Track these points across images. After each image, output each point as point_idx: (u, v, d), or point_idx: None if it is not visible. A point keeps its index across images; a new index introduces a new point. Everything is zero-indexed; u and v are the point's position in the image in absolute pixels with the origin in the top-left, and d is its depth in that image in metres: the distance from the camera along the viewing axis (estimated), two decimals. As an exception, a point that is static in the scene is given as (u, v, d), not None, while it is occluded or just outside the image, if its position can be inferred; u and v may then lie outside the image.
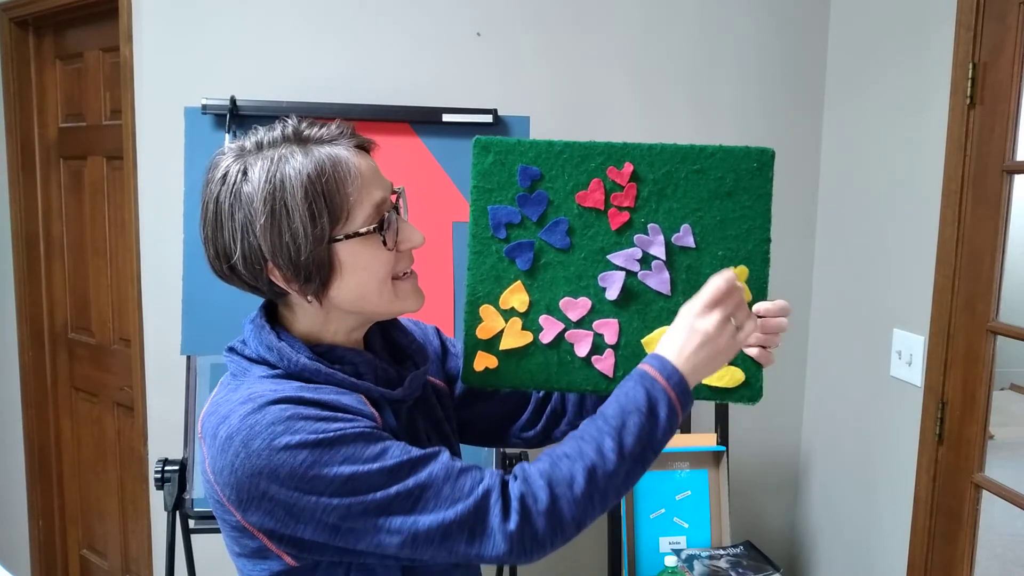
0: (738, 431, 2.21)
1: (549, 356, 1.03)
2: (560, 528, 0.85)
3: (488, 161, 1.03)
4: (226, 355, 0.96)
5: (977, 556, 1.73)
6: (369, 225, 0.89)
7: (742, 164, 1.00)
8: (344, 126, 0.92)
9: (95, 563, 2.81)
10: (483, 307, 1.03)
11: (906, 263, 1.89)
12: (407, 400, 0.98)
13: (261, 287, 0.91)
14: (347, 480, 0.81)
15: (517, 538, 0.83)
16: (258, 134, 0.90)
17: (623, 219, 1.02)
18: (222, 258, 0.89)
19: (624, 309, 1.02)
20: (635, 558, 2.00)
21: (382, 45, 2.07)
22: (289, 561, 0.88)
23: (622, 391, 0.92)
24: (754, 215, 1.00)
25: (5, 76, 2.66)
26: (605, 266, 1.02)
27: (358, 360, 0.94)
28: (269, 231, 0.85)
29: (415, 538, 0.83)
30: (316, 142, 0.89)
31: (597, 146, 1.01)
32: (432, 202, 1.89)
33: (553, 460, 0.87)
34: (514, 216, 1.03)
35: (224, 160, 0.89)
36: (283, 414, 0.82)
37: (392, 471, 0.83)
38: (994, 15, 1.62)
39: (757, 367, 1.01)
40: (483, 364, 1.04)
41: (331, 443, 0.82)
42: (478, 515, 0.83)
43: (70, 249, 2.72)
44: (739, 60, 2.20)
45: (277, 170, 0.86)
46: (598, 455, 0.87)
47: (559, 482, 0.85)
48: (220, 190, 0.87)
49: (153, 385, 2.19)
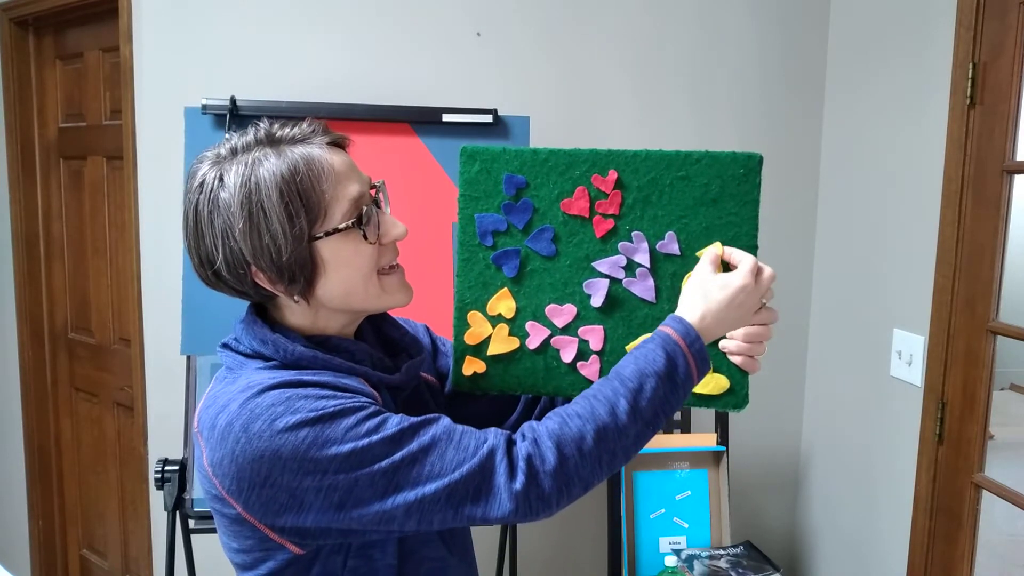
0: (738, 431, 2.21)
1: (536, 362, 1.04)
2: (567, 488, 0.85)
3: (474, 170, 1.03)
4: (220, 351, 0.96)
5: (977, 556, 1.73)
6: (347, 220, 0.89)
7: (728, 170, 1.00)
8: (316, 124, 0.92)
9: (95, 563, 2.81)
10: (471, 313, 1.05)
11: (906, 263, 1.89)
12: (404, 388, 0.98)
13: (247, 291, 0.91)
14: (349, 454, 0.81)
15: (523, 497, 0.83)
16: (232, 140, 0.91)
17: (608, 226, 1.02)
18: (206, 265, 0.90)
19: (609, 316, 1.03)
20: (635, 558, 2.00)
21: (382, 45, 2.07)
22: (294, 549, 0.87)
23: (642, 352, 0.91)
24: (740, 222, 1.00)
25: (5, 76, 2.66)
26: (590, 273, 1.03)
27: (354, 348, 0.94)
28: (248, 235, 0.86)
29: (421, 503, 0.82)
30: (288, 142, 0.89)
31: (582, 154, 1.02)
32: (432, 202, 1.89)
33: (563, 419, 0.87)
34: (500, 224, 1.03)
35: (201, 168, 0.90)
36: (283, 396, 0.83)
37: (394, 439, 0.83)
38: (994, 15, 1.62)
39: (742, 374, 1.01)
40: (472, 369, 1.05)
41: (331, 417, 0.82)
42: (483, 474, 0.83)
43: (70, 249, 2.72)
44: (739, 60, 2.20)
45: (251, 173, 0.86)
46: (610, 416, 0.87)
47: (568, 441, 0.85)
48: (198, 198, 0.88)
49: (153, 385, 2.19)
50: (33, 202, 2.72)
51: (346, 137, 0.95)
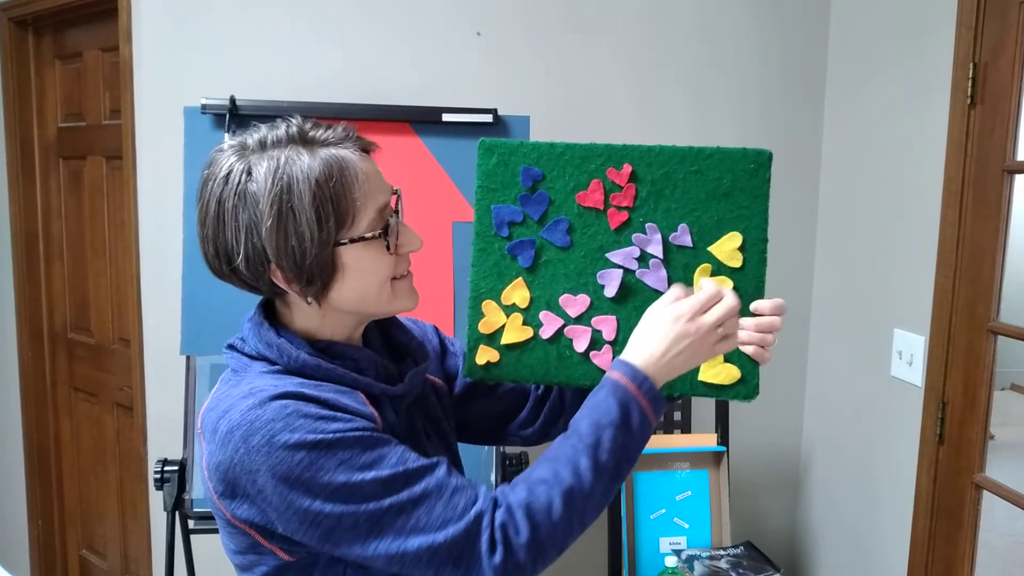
0: (738, 431, 2.21)
1: (549, 351, 1.06)
2: (542, 556, 0.85)
3: (492, 162, 1.05)
4: (226, 352, 0.96)
5: (977, 556, 1.73)
6: (374, 230, 0.89)
7: (739, 165, 1.02)
8: (349, 128, 0.91)
9: (95, 563, 2.81)
10: (486, 303, 1.06)
11: (907, 263, 1.88)
12: (407, 397, 0.98)
13: (261, 287, 0.91)
14: (341, 487, 0.81)
15: (501, 570, 0.83)
16: (260, 131, 0.89)
17: (622, 218, 1.04)
18: (222, 258, 0.89)
19: (622, 306, 1.05)
20: (635, 558, 2.00)
21: (382, 45, 2.07)
22: (284, 556, 0.88)
23: (593, 403, 0.91)
24: (751, 215, 1.02)
25: (5, 76, 2.66)
26: (604, 264, 1.04)
27: (359, 356, 0.94)
28: (275, 233, 0.85)
29: (403, 556, 0.82)
30: (322, 144, 0.88)
31: (597, 148, 1.04)
32: (432, 202, 1.89)
33: (530, 487, 0.86)
34: (516, 215, 1.05)
35: (225, 158, 0.88)
36: (284, 411, 0.82)
37: (387, 482, 0.82)
38: (995, 15, 1.62)
39: (753, 364, 1.02)
40: (485, 358, 1.06)
41: (329, 445, 0.81)
42: (467, 541, 0.83)
43: (69, 249, 2.72)
44: (739, 60, 2.20)
45: (284, 171, 0.85)
46: (574, 477, 0.86)
47: (538, 511, 0.85)
48: (223, 189, 0.86)
49: (152, 385, 2.19)
50: (32, 202, 2.72)
51: (375, 144, 0.95)
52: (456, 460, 1.09)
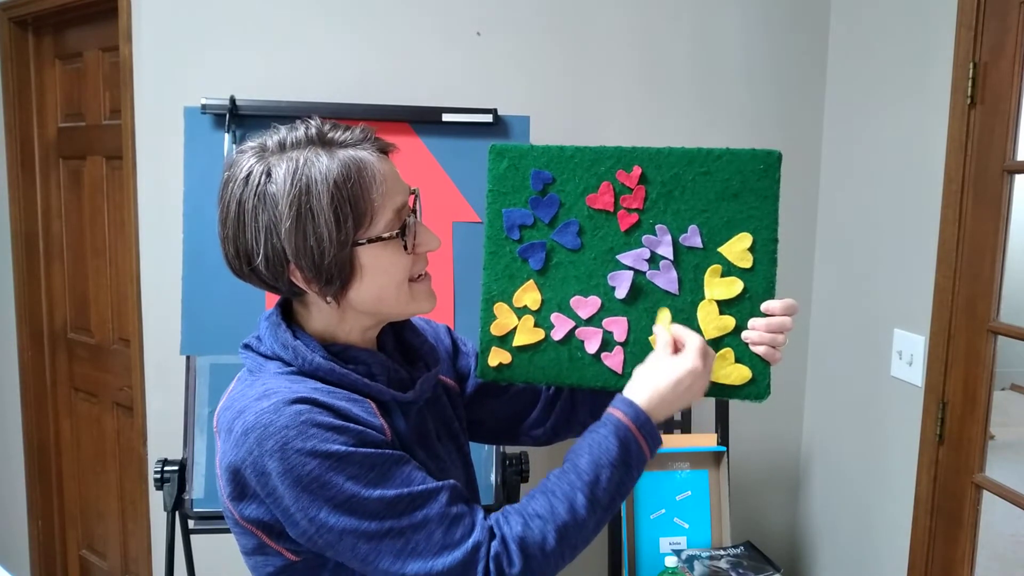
0: (738, 431, 2.21)
1: (560, 352, 1.06)
2: None
3: (503, 166, 1.06)
4: (241, 351, 0.97)
5: (978, 556, 1.73)
6: (392, 230, 0.90)
7: (748, 166, 1.02)
8: (367, 130, 0.92)
9: (95, 563, 2.81)
10: (497, 305, 1.07)
11: (907, 263, 1.88)
12: (418, 402, 0.99)
13: (280, 287, 0.92)
14: (347, 500, 0.82)
15: None
16: (280, 133, 0.90)
17: (632, 220, 1.04)
18: (242, 258, 0.90)
19: (633, 307, 1.05)
20: (635, 558, 2.00)
21: (382, 45, 2.07)
22: (290, 556, 0.89)
23: (595, 439, 0.92)
24: (761, 215, 1.02)
25: (5, 76, 2.66)
26: (614, 266, 1.05)
27: (372, 361, 0.94)
28: (294, 234, 0.86)
29: None
30: (340, 145, 0.89)
31: (607, 150, 1.04)
32: (432, 202, 1.89)
33: (525, 521, 0.88)
34: (527, 218, 1.06)
35: (245, 159, 0.89)
36: (298, 418, 0.83)
37: (391, 502, 0.84)
38: (995, 15, 1.62)
39: (764, 364, 1.02)
40: (497, 360, 1.07)
41: (339, 458, 0.83)
42: (464, 570, 0.84)
43: (70, 249, 2.72)
44: (739, 60, 2.20)
45: (303, 173, 0.86)
46: (569, 513, 0.88)
47: (531, 544, 0.86)
48: (243, 191, 0.87)
49: (152, 385, 2.19)
50: (33, 202, 2.72)
51: (393, 145, 0.96)
52: (467, 460, 1.10)
